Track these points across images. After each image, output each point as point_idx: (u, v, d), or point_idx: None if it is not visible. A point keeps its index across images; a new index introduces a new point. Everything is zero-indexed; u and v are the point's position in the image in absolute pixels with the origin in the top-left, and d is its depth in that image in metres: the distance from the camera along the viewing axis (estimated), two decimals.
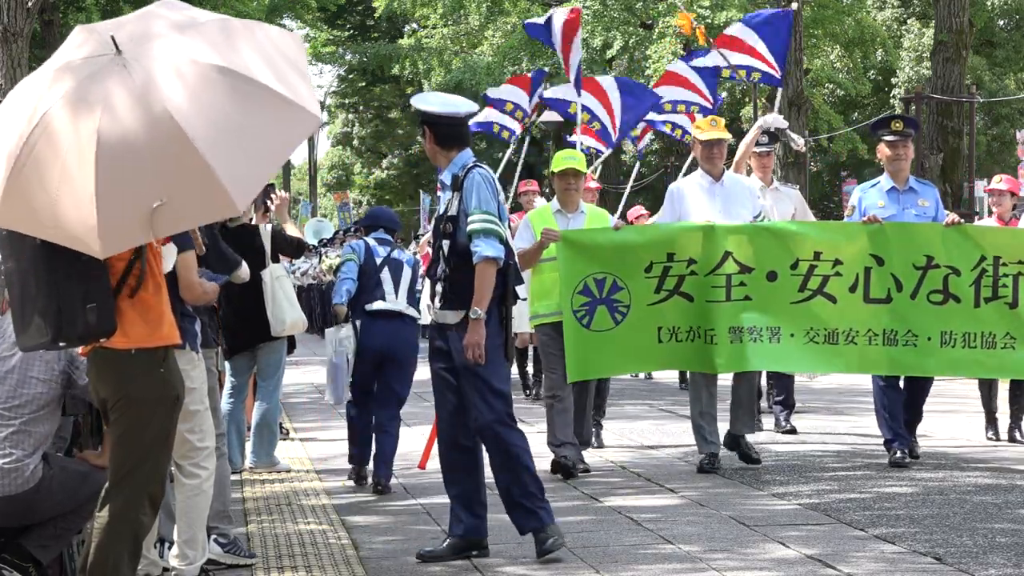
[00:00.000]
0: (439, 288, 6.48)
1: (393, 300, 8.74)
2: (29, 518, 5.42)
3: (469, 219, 6.39)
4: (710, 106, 14.54)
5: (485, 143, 50.44)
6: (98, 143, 4.29)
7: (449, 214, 6.48)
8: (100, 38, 4.52)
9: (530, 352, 14.70)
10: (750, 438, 9.26)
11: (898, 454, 8.93)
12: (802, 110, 24.26)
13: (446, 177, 6.52)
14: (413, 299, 8.98)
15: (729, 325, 8.74)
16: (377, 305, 8.68)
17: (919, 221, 8.95)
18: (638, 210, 15.58)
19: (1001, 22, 38.85)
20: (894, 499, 7.87)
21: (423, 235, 21.48)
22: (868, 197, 9.11)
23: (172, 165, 4.33)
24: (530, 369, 15.08)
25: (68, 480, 5.44)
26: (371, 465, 8.77)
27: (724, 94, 36.17)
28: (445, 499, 8.21)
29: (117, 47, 4.44)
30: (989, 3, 35.74)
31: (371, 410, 8.83)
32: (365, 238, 9.02)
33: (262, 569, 6.43)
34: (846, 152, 35.69)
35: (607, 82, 15.00)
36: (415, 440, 11.25)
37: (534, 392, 14.69)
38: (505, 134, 16.53)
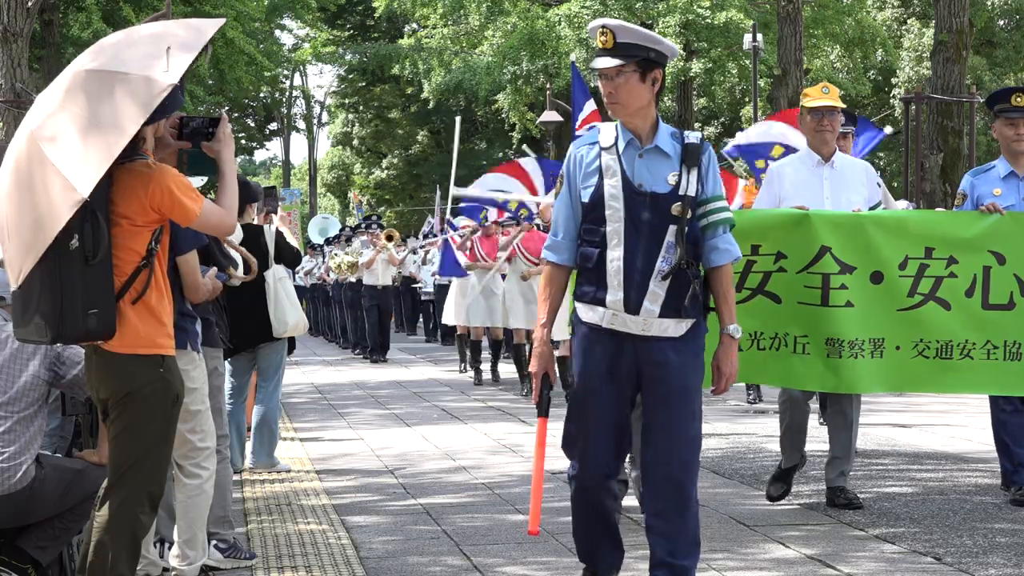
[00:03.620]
0: (656, 288, 5.04)
1: None
2: (23, 519, 5.42)
3: (708, 205, 5.11)
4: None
5: (485, 143, 50.59)
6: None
7: (688, 193, 5.05)
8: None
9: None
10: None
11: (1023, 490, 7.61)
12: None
13: (664, 143, 5.07)
14: None
15: (826, 335, 7.15)
16: None
17: None
18: None
19: (1001, 22, 38.86)
20: (894, 499, 7.87)
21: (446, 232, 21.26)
22: (981, 184, 7.73)
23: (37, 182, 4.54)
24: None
25: (62, 480, 5.44)
26: None
27: (724, 95, 36.25)
28: (445, 499, 8.25)
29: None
30: (989, 3, 35.77)
31: None
32: None
33: (262, 569, 6.44)
34: None
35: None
36: (415, 440, 11.27)
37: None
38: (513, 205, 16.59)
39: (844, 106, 7.79)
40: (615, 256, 5.03)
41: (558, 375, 12.37)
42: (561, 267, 5.23)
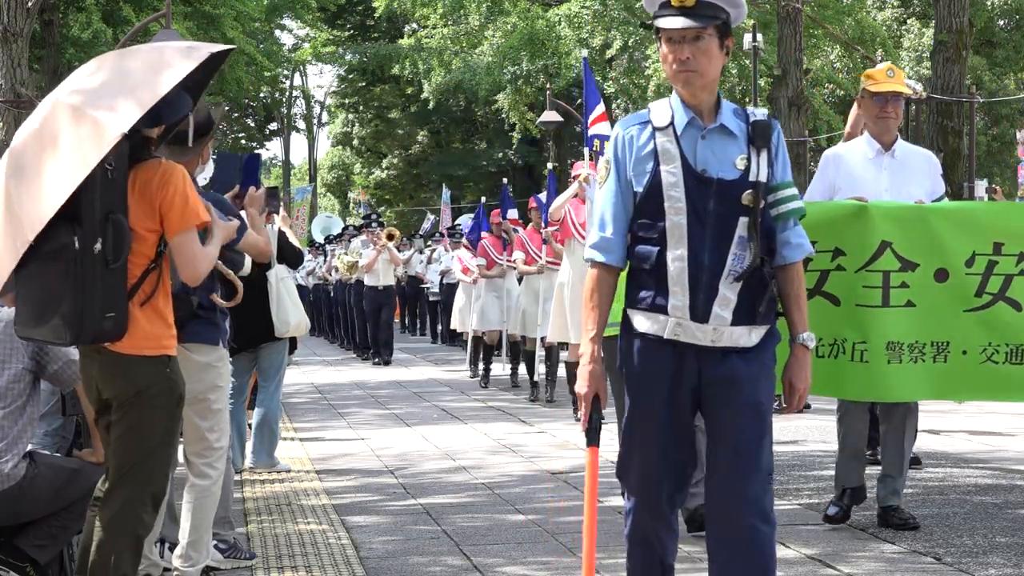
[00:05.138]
0: (727, 291, 4.31)
1: None
2: (16, 517, 5.42)
3: (779, 192, 4.41)
4: None
5: (485, 143, 50.58)
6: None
7: (759, 179, 4.33)
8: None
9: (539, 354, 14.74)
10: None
11: None
12: (802, 110, 24.27)
13: (728, 121, 4.38)
14: None
15: (887, 339, 6.51)
16: None
17: None
18: None
19: (1001, 22, 38.87)
20: None
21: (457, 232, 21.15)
22: None
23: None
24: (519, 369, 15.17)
25: (56, 478, 5.43)
26: None
27: (724, 95, 36.28)
28: (445, 499, 8.25)
29: None
30: (989, 3, 35.79)
31: None
32: None
33: (262, 569, 6.44)
34: None
35: None
36: (415, 440, 11.27)
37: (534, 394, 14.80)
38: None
39: (910, 91, 7.31)
40: (677, 255, 4.30)
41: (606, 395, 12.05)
42: (610, 268, 4.45)
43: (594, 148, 12.86)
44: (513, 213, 17.41)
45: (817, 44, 33.56)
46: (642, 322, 4.39)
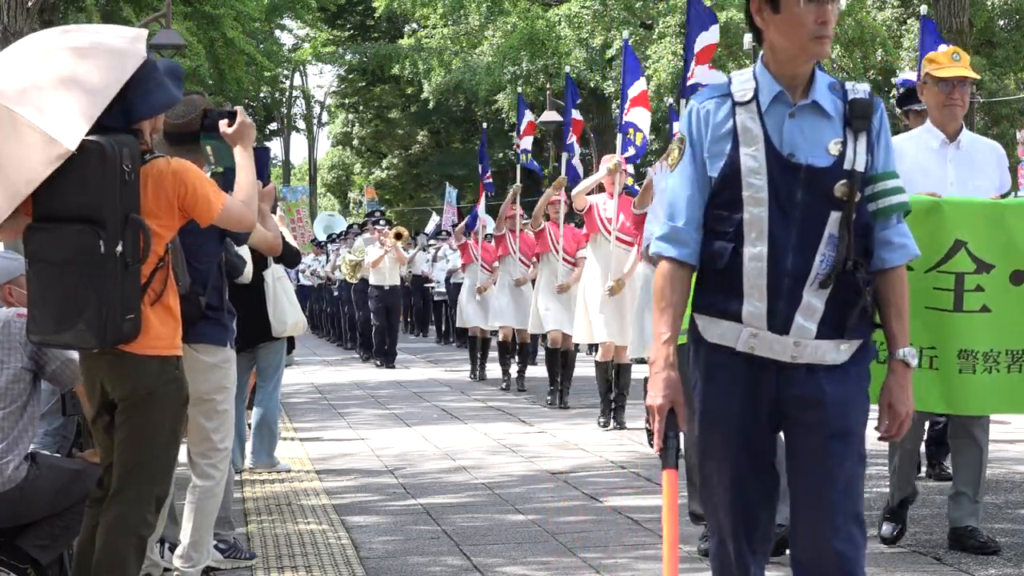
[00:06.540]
0: (813, 299, 3.68)
1: None
2: (16, 518, 5.41)
3: (879, 184, 3.75)
4: None
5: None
6: None
7: (856, 168, 3.68)
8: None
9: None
10: None
11: None
12: None
13: (822, 97, 3.72)
14: None
15: (960, 346, 5.95)
16: None
17: None
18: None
19: (1001, 22, 38.86)
20: None
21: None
22: None
23: None
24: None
25: (57, 479, 5.43)
26: None
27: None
28: (445, 499, 8.25)
29: None
30: (989, 3, 35.78)
31: None
32: None
33: (262, 569, 6.44)
34: None
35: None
36: (415, 440, 11.27)
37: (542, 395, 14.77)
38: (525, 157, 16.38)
39: (977, 76, 6.74)
40: (755, 253, 3.67)
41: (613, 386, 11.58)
42: (684, 265, 3.81)
43: (627, 135, 12.29)
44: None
45: None
46: (711, 329, 3.79)
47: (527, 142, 16.13)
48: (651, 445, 9.16)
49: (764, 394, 3.73)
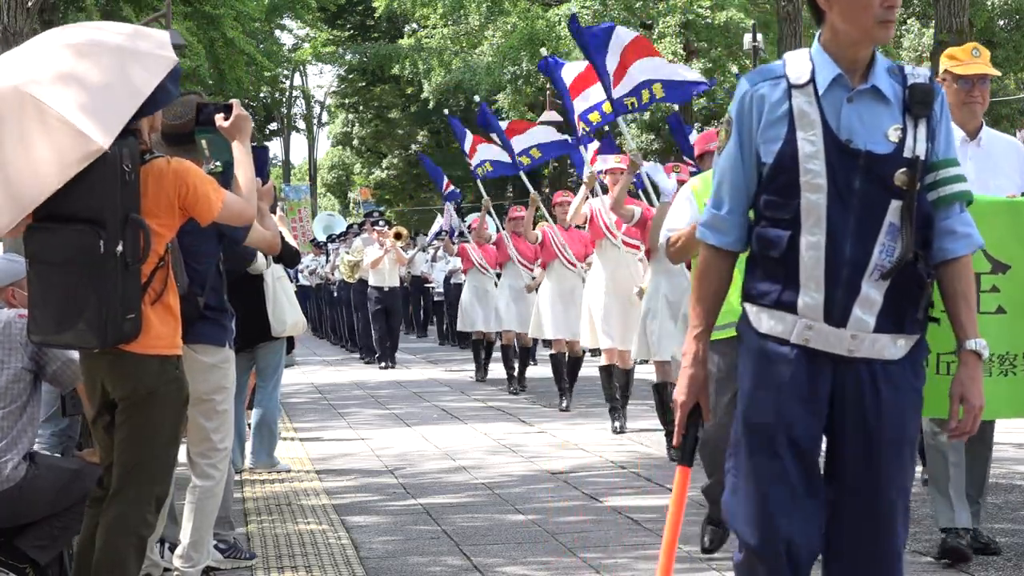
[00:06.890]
0: (872, 290, 3.53)
1: None
2: (16, 518, 5.41)
3: (940, 172, 3.61)
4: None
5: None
6: None
7: (917, 155, 3.55)
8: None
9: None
10: None
11: None
12: None
13: (882, 82, 3.59)
14: None
15: None
16: None
17: None
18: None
19: (1001, 22, 38.88)
20: None
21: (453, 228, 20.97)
22: None
23: None
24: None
25: (57, 479, 5.43)
26: None
27: (724, 95, 36.27)
28: (445, 499, 8.25)
29: None
30: (989, 3, 35.80)
31: None
32: None
33: (262, 569, 6.44)
34: None
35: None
36: (415, 440, 11.27)
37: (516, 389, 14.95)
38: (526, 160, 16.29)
39: (998, 73, 6.58)
40: (813, 242, 3.52)
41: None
42: (725, 253, 3.70)
43: (584, 131, 12.21)
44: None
45: None
46: (764, 321, 3.61)
47: (522, 141, 15.97)
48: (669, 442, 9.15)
49: (820, 390, 3.56)
